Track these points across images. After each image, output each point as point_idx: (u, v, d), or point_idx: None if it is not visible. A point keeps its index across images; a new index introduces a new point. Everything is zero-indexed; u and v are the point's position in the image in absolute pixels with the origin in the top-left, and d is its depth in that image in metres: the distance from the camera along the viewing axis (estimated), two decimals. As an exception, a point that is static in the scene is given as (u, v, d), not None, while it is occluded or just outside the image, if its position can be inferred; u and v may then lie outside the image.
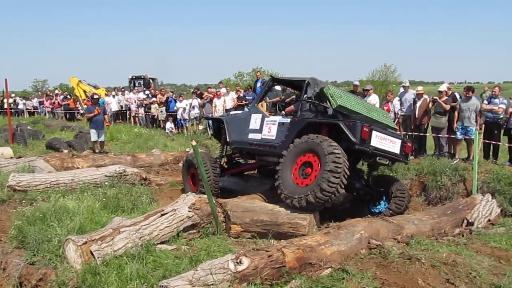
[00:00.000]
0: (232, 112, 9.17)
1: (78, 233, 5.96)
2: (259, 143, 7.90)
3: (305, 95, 7.47)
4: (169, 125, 18.84)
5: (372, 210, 7.85)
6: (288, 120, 7.44)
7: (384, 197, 7.79)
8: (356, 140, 6.43)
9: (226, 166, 9.46)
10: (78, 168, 10.46)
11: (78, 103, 25.60)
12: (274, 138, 7.60)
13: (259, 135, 7.90)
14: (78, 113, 25.11)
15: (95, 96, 14.33)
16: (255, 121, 8.06)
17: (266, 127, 7.80)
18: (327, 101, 7.04)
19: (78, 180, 9.02)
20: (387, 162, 7.21)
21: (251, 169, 9.86)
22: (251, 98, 16.43)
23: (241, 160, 9.81)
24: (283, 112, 8.23)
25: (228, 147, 9.07)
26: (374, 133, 6.71)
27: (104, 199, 7.86)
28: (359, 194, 7.63)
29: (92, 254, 5.19)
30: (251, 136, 8.06)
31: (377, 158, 6.92)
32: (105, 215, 7.11)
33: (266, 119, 7.86)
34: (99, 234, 5.48)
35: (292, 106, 8.13)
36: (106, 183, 9.06)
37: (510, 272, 5.25)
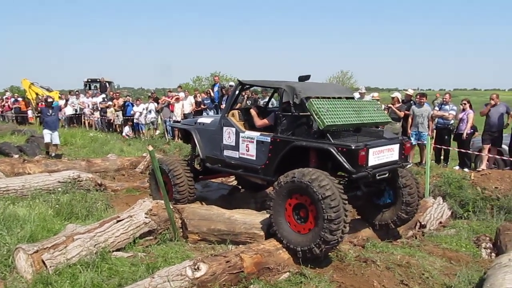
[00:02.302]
0: (199, 121, 8.19)
1: (29, 241, 5.74)
2: (237, 163, 7.15)
3: (282, 105, 6.56)
4: (127, 129, 18.63)
5: (377, 203, 6.95)
6: (268, 139, 6.59)
7: (387, 188, 6.83)
8: (353, 168, 5.58)
9: (199, 169, 8.43)
10: (29, 173, 10.09)
11: (30, 106, 24.75)
12: (254, 158, 6.85)
13: (236, 153, 7.13)
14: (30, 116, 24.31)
15: (49, 100, 14.03)
16: (228, 136, 7.25)
17: (243, 144, 7.01)
18: (311, 117, 6.03)
19: (29, 186, 8.69)
20: (387, 175, 6.20)
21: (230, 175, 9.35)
22: (209, 102, 16.43)
23: None
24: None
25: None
26: (371, 151, 5.80)
27: (57, 205, 7.61)
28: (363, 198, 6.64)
29: (44, 263, 5.00)
30: (227, 153, 7.30)
31: (377, 176, 5.94)
32: (58, 222, 6.89)
33: (241, 134, 7.03)
34: (51, 242, 5.28)
35: (265, 120, 7.12)
36: (59, 189, 8.77)
37: (460, 272, 5.45)
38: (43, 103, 14.98)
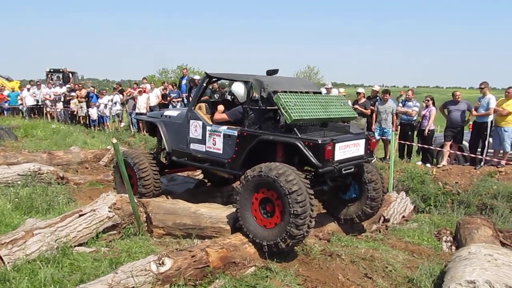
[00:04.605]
0: (165, 113, 8.06)
1: (-14, 236, 5.54)
2: (204, 157, 7.07)
3: (249, 98, 6.54)
4: (93, 111, 18.25)
5: (343, 198, 7.04)
6: (235, 132, 6.52)
7: (353, 183, 6.92)
8: (320, 162, 5.60)
9: (165, 163, 8.30)
10: (-14, 166, 9.72)
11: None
12: (221, 152, 6.79)
13: (203, 146, 7.04)
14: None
15: None
16: (195, 129, 7.16)
17: (209, 138, 6.93)
18: (279, 111, 6.03)
19: (-14, 179, 8.38)
20: (353, 169, 6.23)
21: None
22: (175, 95, 16.23)
23: None
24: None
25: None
26: (337, 146, 5.82)
27: (16, 199, 7.37)
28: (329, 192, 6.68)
29: (2, 259, 4.82)
30: (194, 146, 7.21)
31: (343, 170, 5.96)
32: (17, 216, 6.68)
33: (208, 128, 6.95)
34: (9, 237, 5.10)
35: (224, 114, 6.91)
36: (19, 182, 8.47)
37: (422, 265, 5.58)
38: None
